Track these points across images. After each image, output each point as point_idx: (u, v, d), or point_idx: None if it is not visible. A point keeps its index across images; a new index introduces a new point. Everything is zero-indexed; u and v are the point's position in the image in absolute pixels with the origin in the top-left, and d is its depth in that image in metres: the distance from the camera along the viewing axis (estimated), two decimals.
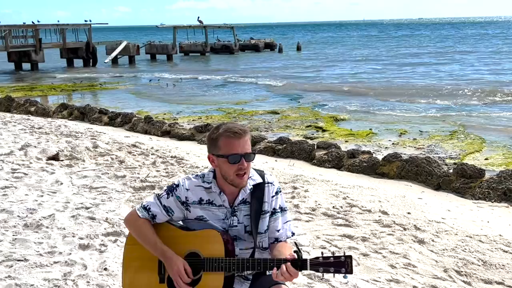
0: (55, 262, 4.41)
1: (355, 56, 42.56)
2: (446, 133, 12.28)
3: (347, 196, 6.34)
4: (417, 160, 7.82)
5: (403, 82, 23.41)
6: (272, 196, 2.64)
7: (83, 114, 13.74)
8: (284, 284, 2.59)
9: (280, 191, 2.70)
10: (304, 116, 15.07)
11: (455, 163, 8.58)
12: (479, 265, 4.44)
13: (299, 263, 2.37)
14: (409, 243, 4.89)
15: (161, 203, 2.59)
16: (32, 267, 4.31)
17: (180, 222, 2.68)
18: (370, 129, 12.89)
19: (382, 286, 4.07)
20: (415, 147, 10.88)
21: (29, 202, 5.94)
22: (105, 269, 4.25)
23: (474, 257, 4.59)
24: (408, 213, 5.78)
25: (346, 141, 11.50)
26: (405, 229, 5.25)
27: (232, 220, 2.57)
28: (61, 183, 6.78)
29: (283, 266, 2.36)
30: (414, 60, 36.44)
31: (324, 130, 12.82)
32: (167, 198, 2.58)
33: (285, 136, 10.16)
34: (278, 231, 2.65)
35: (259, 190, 2.60)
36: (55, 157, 8.04)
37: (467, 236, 5.09)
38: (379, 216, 5.61)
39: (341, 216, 5.62)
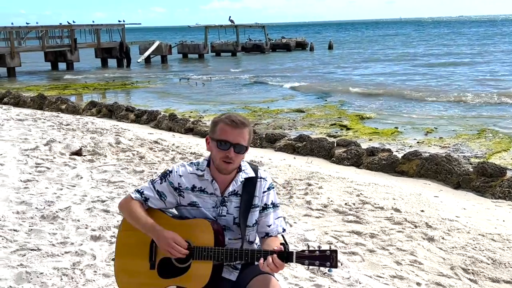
0: (66, 252, 4.55)
1: (388, 55, 41.99)
2: (474, 132, 12.04)
3: (360, 194, 6.30)
4: (437, 158, 7.70)
5: (436, 82, 22.97)
6: (264, 192, 2.68)
7: (111, 112, 14.04)
8: (271, 274, 2.62)
9: (273, 187, 2.74)
10: (330, 114, 15.00)
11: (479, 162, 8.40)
12: (488, 264, 4.36)
13: (285, 255, 2.41)
14: (418, 241, 4.83)
15: (154, 188, 2.66)
16: (43, 257, 4.46)
17: (174, 211, 2.74)
18: (396, 128, 12.74)
19: (385, 282, 4.04)
20: (440, 146, 10.71)
21: (48, 195, 6.12)
22: (113, 259, 4.34)
23: (484, 256, 4.50)
24: (422, 211, 5.70)
25: (370, 140, 11.40)
26: (416, 226, 5.19)
27: (221, 210, 2.62)
28: (81, 177, 6.96)
29: (269, 258, 2.41)
30: (451, 59, 35.59)
31: (348, 129, 12.74)
32: (161, 183, 2.65)
33: (306, 134, 10.13)
34: (269, 226, 2.68)
35: (251, 184, 2.65)
36: (78, 153, 8.25)
37: (479, 234, 4.99)
38: (391, 214, 5.56)
39: (352, 213, 5.60)
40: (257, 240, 2.74)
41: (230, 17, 48.82)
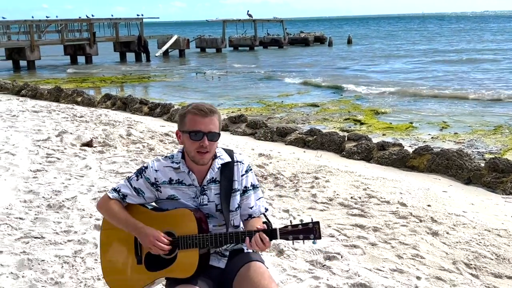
0: (68, 241, 4.60)
1: (408, 51, 41.53)
2: (490, 128, 11.84)
3: (367, 187, 6.24)
4: (448, 153, 7.59)
5: (454, 77, 22.64)
6: (242, 175, 2.66)
7: (125, 104, 14.14)
8: (259, 261, 2.61)
9: (251, 169, 2.72)
10: (344, 109, 14.90)
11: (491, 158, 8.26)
12: (492, 259, 4.28)
13: (269, 233, 2.41)
14: (422, 235, 4.77)
15: (131, 185, 2.64)
16: (46, 244, 4.52)
17: (154, 204, 2.73)
18: (411, 123, 12.60)
19: (385, 275, 4.00)
20: (455, 142, 10.56)
21: (56, 185, 6.20)
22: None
23: (488, 251, 4.43)
24: (428, 205, 5.63)
25: (383, 134, 11.30)
26: (421, 221, 5.13)
27: (202, 199, 2.61)
28: (90, 168, 7.03)
29: (257, 235, 2.41)
30: (473, 55, 34.97)
31: (362, 123, 12.64)
32: (137, 180, 2.64)
33: (317, 128, 10.07)
34: (251, 208, 2.68)
35: (228, 169, 2.63)
36: (89, 144, 8.33)
37: (485, 230, 4.91)
38: (397, 208, 5.50)
39: (357, 206, 5.55)
40: (241, 224, 2.73)
41: (248, 11, 48.80)
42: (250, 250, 2.62)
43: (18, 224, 4.94)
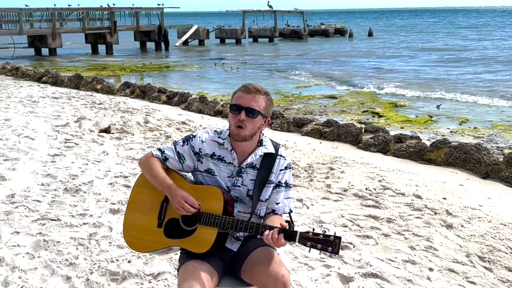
0: (84, 223, 4.67)
1: (430, 45, 40.97)
2: (511, 123, 11.67)
3: (383, 179, 6.21)
4: (466, 147, 7.50)
5: (473, 75, 22.28)
6: (281, 170, 2.69)
7: (144, 93, 14.23)
8: (271, 247, 2.62)
9: (290, 168, 2.75)
10: (363, 101, 14.79)
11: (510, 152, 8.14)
12: (506, 253, 4.24)
13: (289, 233, 2.41)
14: (436, 227, 4.73)
15: (175, 149, 2.69)
16: (62, 227, 4.59)
17: (190, 176, 2.78)
18: (430, 117, 12.47)
19: (397, 266, 3.98)
20: (474, 136, 10.43)
21: (74, 169, 6.28)
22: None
23: (503, 245, 4.38)
24: (444, 198, 5.58)
25: (401, 128, 11.20)
26: (435, 213, 5.09)
27: (236, 180, 2.64)
28: (107, 154, 7.11)
29: (275, 230, 2.41)
30: (494, 53, 34.41)
31: (380, 116, 12.54)
32: (182, 146, 2.69)
33: (334, 120, 10.02)
34: (277, 203, 2.70)
35: (270, 159, 2.67)
36: (106, 130, 8.42)
37: (501, 224, 4.86)
38: (412, 200, 5.46)
39: (372, 197, 5.53)
40: None
41: (268, 2, 48.54)
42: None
43: (35, 206, 5.03)
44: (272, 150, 2.68)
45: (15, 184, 5.64)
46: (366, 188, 5.85)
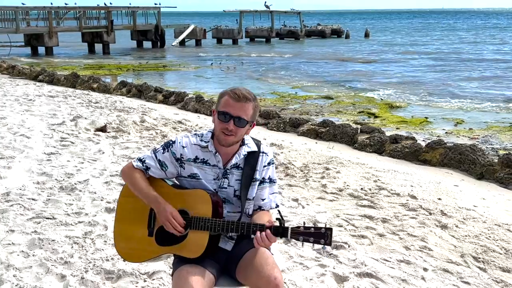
0: (79, 222, 4.67)
1: (425, 47, 41.08)
2: (506, 125, 11.71)
3: (378, 179, 6.22)
4: (461, 147, 7.53)
5: (467, 76, 22.35)
6: (264, 166, 2.69)
7: (140, 92, 14.21)
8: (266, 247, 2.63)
9: (273, 163, 2.75)
10: (358, 102, 14.82)
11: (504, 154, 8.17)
12: (501, 253, 4.26)
13: (280, 230, 2.42)
14: (431, 227, 4.75)
15: (156, 157, 2.66)
16: (57, 225, 4.59)
17: (174, 180, 2.76)
18: (426, 118, 12.51)
19: (391, 266, 4.00)
20: (469, 137, 10.46)
21: (69, 168, 6.27)
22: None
23: (497, 245, 4.40)
24: (439, 199, 5.60)
25: (397, 128, 11.23)
26: (430, 213, 5.11)
27: (222, 182, 2.63)
28: (103, 152, 7.10)
29: (263, 234, 2.42)
30: (489, 56, 34.52)
31: (376, 117, 12.57)
32: (163, 153, 2.66)
33: (330, 120, 10.03)
34: (263, 200, 2.70)
35: (253, 158, 2.66)
36: (102, 129, 8.41)
37: (495, 224, 4.88)
38: (407, 200, 5.48)
39: (367, 197, 5.54)
40: None
41: (265, 2, 48.56)
42: None
43: (31, 204, 5.02)
44: (255, 148, 2.67)
45: (11, 183, 5.63)
46: (362, 188, 5.86)
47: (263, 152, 2.70)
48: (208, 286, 2.48)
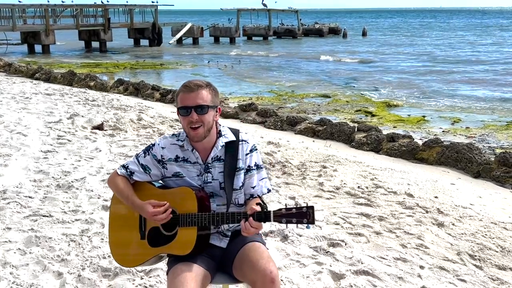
0: (76, 220, 4.67)
1: (423, 46, 41.14)
2: (503, 123, 11.74)
3: (375, 178, 6.23)
4: (458, 146, 7.55)
5: (468, 76, 22.40)
6: (247, 154, 2.68)
7: (137, 90, 14.19)
8: (259, 242, 2.65)
9: (256, 149, 2.73)
10: (356, 100, 14.84)
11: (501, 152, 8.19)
12: (497, 251, 4.27)
13: (263, 215, 2.43)
14: (427, 225, 4.76)
15: (138, 162, 2.69)
16: (54, 223, 4.58)
17: (161, 182, 2.78)
18: (423, 116, 12.53)
19: (388, 263, 4.00)
20: (466, 136, 10.49)
21: (66, 166, 6.27)
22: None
23: (493, 243, 4.41)
24: (435, 197, 5.62)
25: (394, 127, 11.25)
26: (427, 212, 5.12)
27: (206, 177, 2.64)
28: (100, 150, 7.09)
29: (247, 223, 2.43)
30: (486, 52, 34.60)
31: (373, 115, 12.59)
32: (144, 157, 2.69)
33: (327, 118, 10.05)
34: (253, 187, 2.70)
35: (232, 147, 2.66)
36: (99, 127, 8.40)
37: (491, 222, 4.89)
38: (404, 198, 5.49)
39: (364, 196, 5.55)
40: None
41: (263, 0, 48.53)
42: None
43: (27, 202, 5.02)
44: (233, 138, 2.67)
45: (7, 180, 5.63)
46: (359, 187, 5.87)
47: (242, 140, 2.69)
48: (203, 284, 2.48)
